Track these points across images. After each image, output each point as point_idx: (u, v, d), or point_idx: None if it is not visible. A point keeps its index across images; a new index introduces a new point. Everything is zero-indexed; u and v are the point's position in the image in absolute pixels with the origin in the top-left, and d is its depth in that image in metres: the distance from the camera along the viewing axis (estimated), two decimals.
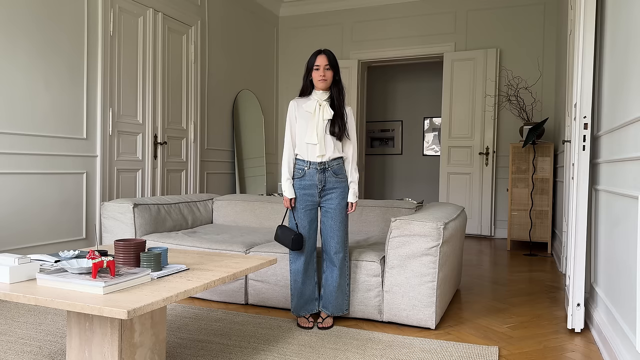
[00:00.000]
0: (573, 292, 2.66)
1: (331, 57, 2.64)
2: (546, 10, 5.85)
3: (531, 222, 5.22)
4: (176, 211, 3.73)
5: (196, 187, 5.43)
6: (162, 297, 1.58)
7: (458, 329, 2.73)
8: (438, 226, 2.60)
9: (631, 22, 2.05)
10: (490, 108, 6.03)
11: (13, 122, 3.54)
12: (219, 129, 5.85)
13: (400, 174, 8.81)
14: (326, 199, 2.66)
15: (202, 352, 2.29)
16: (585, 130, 2.63)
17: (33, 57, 3.66)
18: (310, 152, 2.63)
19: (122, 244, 1.92)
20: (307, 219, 2.66)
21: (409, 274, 2.66)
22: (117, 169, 4.42)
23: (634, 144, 1.95)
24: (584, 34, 2.64)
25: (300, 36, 7.06)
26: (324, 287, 2.72)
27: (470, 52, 6.13)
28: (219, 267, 2.05)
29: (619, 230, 2.18)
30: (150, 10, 4.74)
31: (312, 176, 2.64)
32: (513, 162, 5.33)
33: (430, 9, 6.39)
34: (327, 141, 2.62)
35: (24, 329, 2.57)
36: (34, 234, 3.72)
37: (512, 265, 4.51)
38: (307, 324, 2.67)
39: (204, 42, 5.53)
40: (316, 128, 2.61)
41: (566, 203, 3.77)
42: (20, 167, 3.60)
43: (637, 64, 1.93)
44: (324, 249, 2.70)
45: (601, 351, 2.40)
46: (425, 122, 8.61)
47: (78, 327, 1.80)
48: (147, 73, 4.74)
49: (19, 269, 1.75)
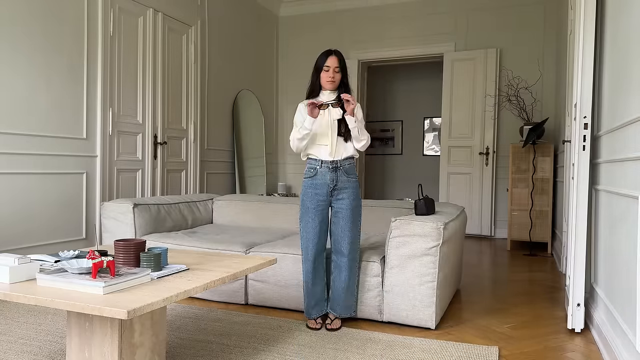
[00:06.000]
0: (573, 292, 2.66)
1: (341, 59, 2.64)
2: (546, 10, 5.85)
3: (531, 222, 5.21)
4: (176, 211, 3.72)
5: (196, 187, 5.42)
6: (162, 297, 1.58)
7: (458, 329, 2.73)
8: (438, 226, 2.60)
9: (631, 22, 2.05)
10: (490, 108, 6.03)
11: (13, 122, 3.54)
12: (219, 129, 5.84)
13: (400, 174, 8.81)
14: (337, 198, 2.65)
15: (202, 352, 2.29)
16: (585, 130, 2.63)
17: (33, 57, 3.66)
18: (322, 151, 2.63)
19: (122, 244, 1.92)
20: (318, 219, 2.64)
21: (409, 274, 2.66)
22: (117, 169, 4.42)
23: (634, 144, 1.95)
24: (584, 34, 2.64)
25: (300, 36, 7.06)
26: (332, 288, 2.70)
27: (470, 52, 6.13)
28: (219, 267, 2.05)
29: (619, 230, 2.18)
30: (150, 10, 4.74)
31: (323, 175, 2.63)
32: (513, 162, 5.33)
33: (430, 9, 6.39)
34: (338, 142, 2.62)
35: (24, 329, 2.57)
36: (34, 234, 3.72)
37: (512, 265, 4.51)
38: (315, 326, 2.66)
39: (204, 42, 5.53)
40: (326, 129, 2.61)
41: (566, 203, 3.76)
42: (20, 167, 3.60)
43: (637, 64, 1.93)
44: (334, 249, 2.68)
45: (601, 351, 2.40)
46: (425, 122, 8.61)
47: (78, 327, 1.80)
48: (147, 73, 4.74)
49: (19, 269, 1.75)
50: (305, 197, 2.66)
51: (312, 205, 2.64)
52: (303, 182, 2.70)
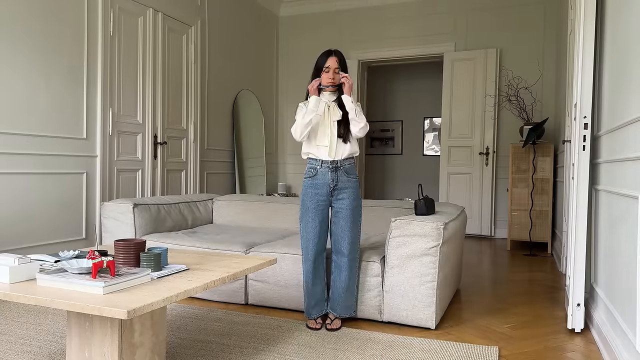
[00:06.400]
0: (573, 292, 2.66)
1: (342, 59, 2.63)
2: (546, 10, 5.85)
3: (531, 222, 5.21)
4: (176, 211, 3.72)
5: (196, 187, 5.42)
6: (162, 297, 1.58)
7: (458, 329, 2.73)
8: (438, 226, 2.60)
9: (631, 22, 2.05)
10: (490, 108, 6.03)
11: (13, 122, 3.54)
12: (219, 129, 5.84)
13: (400, 174, 8.81)
14: (337, 198, 2.64)
15: (202, 352, 2.29)
16: (585, 130, 2.63)
17: (33, 57, 3.66)
18: (322, 152, 2.62)
19: (122, 244, 1.92)
20: (318, 219, 2.64)
21: (409, 274, 2.66)
22: (117, 169, 4.42)
23: (634, 144, 1.95)
24: (584, 34, 2.64)
25: (300, 36, 7.06)
26: (332, 288, 2.70)
27: (470, 52, 6.13)
28: (219, 267, 2.05)
29: (619, 230, 2.18)
30: (150, 10, 4.74)
31: (324, 175, 2.63)
32: (513, 162, 5.33)
33: (430, 9, 6.39)
34: (338, 142, 2.62)
35: (24, 329, 2.57)
36: (34, 234, 3.72)
37: (512, 265, 4.51)
38: (315, 326, 2.66)
39: (204, 42, 5.53)
40: (326, 129, 2.61)
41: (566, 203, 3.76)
42: (20, 167, 3.60)
43: (637, 63, 1.93)
44: (334, 249, 2.68)
45: (601, 351, 2.40)
46: (425, 122, 8.61)
47: (78, 327, 1.80)
48: (147, 73, 4.74)
49: (19, 269, 1.75)
50: (306, 197, 2.66)
51: (313, 205, 2.64)
52: (303, 182, 2.70)
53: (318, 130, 2.62)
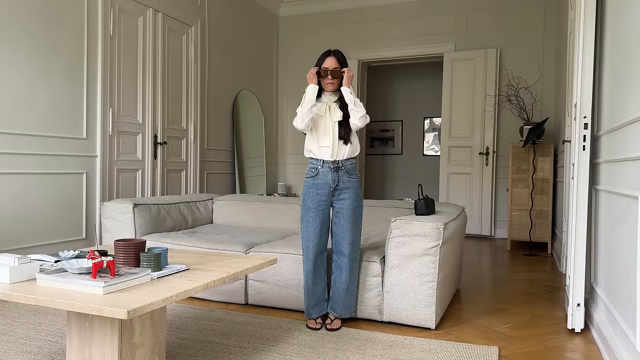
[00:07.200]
0: (573, 292, 2.66)
1: (341, 59, 2.62)
2: (546, 10, 5.85)
3: (531, 222, 5.21)
4: (176, 211, 3.72)
5: (196, 187, 5.42)
6: (162, 297, 1.58)
7: (458, 329, 2.73)
8: (438, 226, 2.60)
9: (631, 22, 2.05)
10: (490, 108, 6.03)
11: (13, 122, 3.54)
12: (219, 129, 5.84)
13: (400, 174, 8.81)
14: (338, 199, 2.64)
15: (202, 352, 2.29)
16: (585, 130, 2.63)
17: (33, 57, 3.66)
18: (323, 152, 2.62)
19: (122, 244, 1.92)
20: (319, 219, 2.64)
21: (409, 274, 2.66)
22: (117, 169, 4.42)
23: (634, 144, 1.95)
24: (584, 34, 2.64)
25: (300, 36, 7.06)
26: (332, 289, 2.70)
27: (470, 52, 6.13)
28: (219, 267, 2.05)
29: (619, 230, 2.18)
30: (150, 10, 4.74)
31: (325, 175, 2.62)
32: (513, 162, 5.33)
33: (430, 9, 6.39)
34: (339, 144, 2.61)
35: (24, 329, 2.57)
36: (34, 234, 3.72)
37: (512, 265, 4.51)
38: (315, 326, 2.66)
39: (204, 42, 5.53)
40: (327, 130, 2.60)
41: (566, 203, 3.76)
42: (20, 167, 3.60)
43: (637, 64, 1.93)
44: (335, 249, 2.68)
45: (601, 351, 2.40)
46: (425, 122, 8.61)
47: (78, 327, 1.80)
48: (147, 73, 4.74)
49: (19, 269, 1.75)
50: (307, 197, 2.66)
51: (314, 205, 2.64)
52: (304, 182, 2.70)
53: (319, 130, 2.62)
